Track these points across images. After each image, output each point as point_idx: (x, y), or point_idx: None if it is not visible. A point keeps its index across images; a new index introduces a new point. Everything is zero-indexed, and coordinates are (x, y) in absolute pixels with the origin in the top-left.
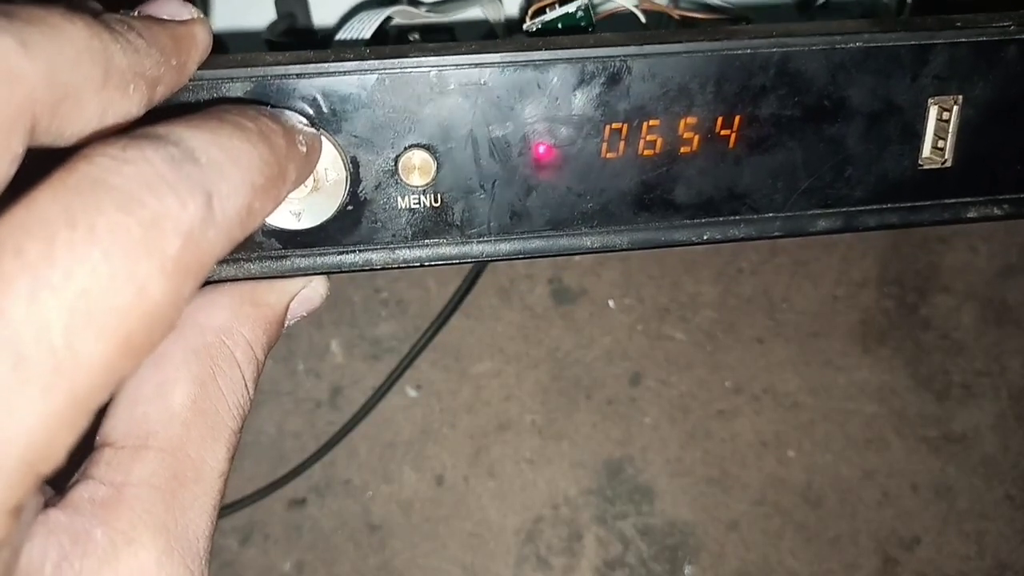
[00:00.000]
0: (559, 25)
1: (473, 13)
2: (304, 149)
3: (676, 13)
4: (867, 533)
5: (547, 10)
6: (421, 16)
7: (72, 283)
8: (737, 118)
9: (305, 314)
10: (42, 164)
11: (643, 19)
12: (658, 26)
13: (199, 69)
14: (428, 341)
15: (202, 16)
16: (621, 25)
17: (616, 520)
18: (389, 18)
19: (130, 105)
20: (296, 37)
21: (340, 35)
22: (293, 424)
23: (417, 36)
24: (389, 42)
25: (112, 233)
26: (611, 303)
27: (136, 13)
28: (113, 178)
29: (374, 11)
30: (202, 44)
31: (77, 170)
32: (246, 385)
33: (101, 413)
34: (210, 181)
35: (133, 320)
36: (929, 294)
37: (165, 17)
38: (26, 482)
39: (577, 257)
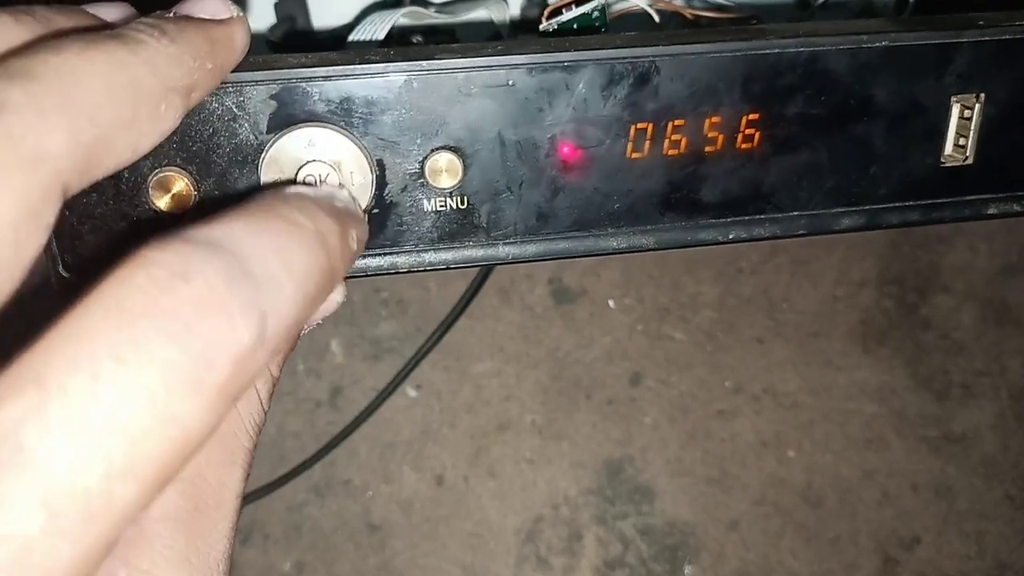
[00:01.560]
0: (575, 26)
1: (479, 15)
2: (355, 246)
3: (689, 12)
4: (867, 533)
5: (563, 11)
6: (429, 17)
7: (114, 426)
8: (762, 117)
9: (320, 321)
10: None
11: (657, 19)
12: (670, 26)
13: None
14: (433, 345)
15: (242, 15)
16: (634, 25)
17: (616, 520)
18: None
19: (163, 124)
20: (299, 40)
21: (353, 37)
22: (293, 424)
23: (420, 39)
24: (391, 44)
25: (161, 371)
26: (611, 303)
27: (173, 13)
28: (168, 300)
29: (385, 13)
30: (239, 46)
31: (133, 286)
32: (261, 403)
33: None
34: (266, 301)
35: (171, 458)
36: (929, 294)
37: (205, 17)
38: None
39: None
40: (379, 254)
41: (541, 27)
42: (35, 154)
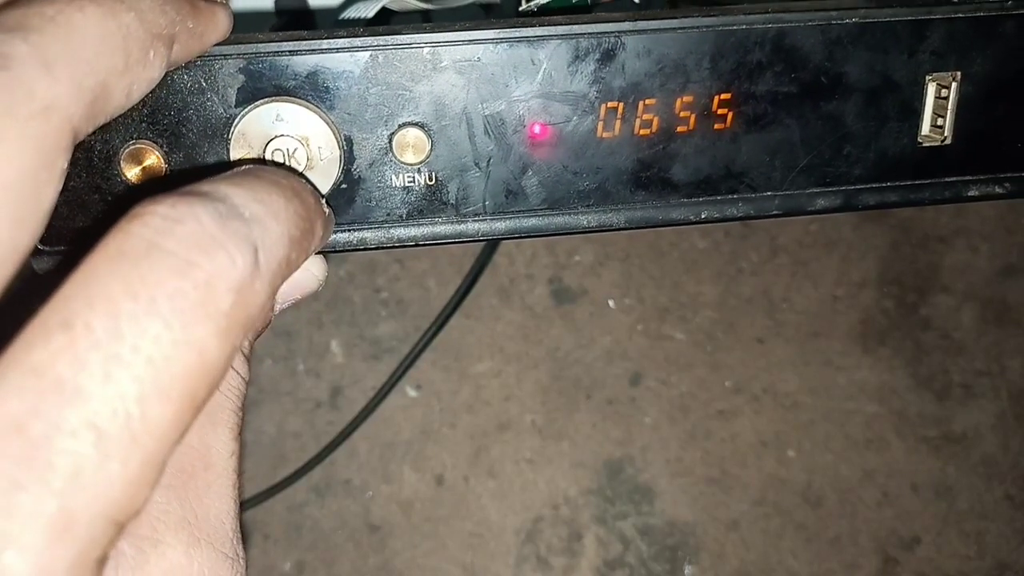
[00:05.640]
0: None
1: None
2: (327, 211)
3: None
4: (867, 533)
5: None
6: (415, 4)
7: (139, 355)
8: (733, 95)
9: (299, 297)
10: None
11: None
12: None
13: None
14: (429, 342)
15: (225, 1)
16: (618, 8)
17: (616, 520)
18: (384, 9)
19: (152, 72)
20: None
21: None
22: (293, 424)
23: None
24: None
25: (172, 300)
26: (611, 303)
27: None
28: (167, 241)
29: (370, 1)
30: (221, 22)
31: (131, 234)
32: (232, 366)
33: None
34: (255, 235)
35: (195, 380)
36: (929, 294)
37: None
38: (110, 536)
39: (577, 256)
40: (348, 230)
41: (521, 8)
42: (45, 103)
